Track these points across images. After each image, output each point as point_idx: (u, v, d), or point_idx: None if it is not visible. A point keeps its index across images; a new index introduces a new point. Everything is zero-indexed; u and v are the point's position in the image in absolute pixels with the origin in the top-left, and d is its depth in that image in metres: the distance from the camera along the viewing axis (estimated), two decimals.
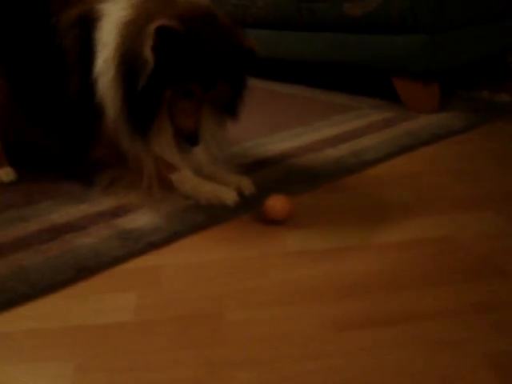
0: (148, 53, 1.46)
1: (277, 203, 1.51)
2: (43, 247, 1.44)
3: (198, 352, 1.06)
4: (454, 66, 2.40)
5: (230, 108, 1.70)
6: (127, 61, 1.53)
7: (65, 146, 1.83)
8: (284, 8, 2.72)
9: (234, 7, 3.02)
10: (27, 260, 1.38)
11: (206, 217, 1.55)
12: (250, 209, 1.60)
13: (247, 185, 1.66)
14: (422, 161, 1.91)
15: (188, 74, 1.51)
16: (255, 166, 1.89)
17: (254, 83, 3.09)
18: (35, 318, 1.19)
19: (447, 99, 2.49)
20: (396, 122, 2.26)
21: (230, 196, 1.60)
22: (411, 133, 2.13)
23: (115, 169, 1.70)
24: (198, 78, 1.53)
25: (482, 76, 2.94)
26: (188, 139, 1.59)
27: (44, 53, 1.73)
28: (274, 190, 1.62)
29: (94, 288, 1.28)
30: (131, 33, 1.54)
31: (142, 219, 1.55)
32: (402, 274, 1.26)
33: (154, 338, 1.10)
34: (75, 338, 1.12)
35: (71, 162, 1.83)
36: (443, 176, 1.77)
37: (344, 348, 1.04)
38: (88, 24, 1.63)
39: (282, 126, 2.32)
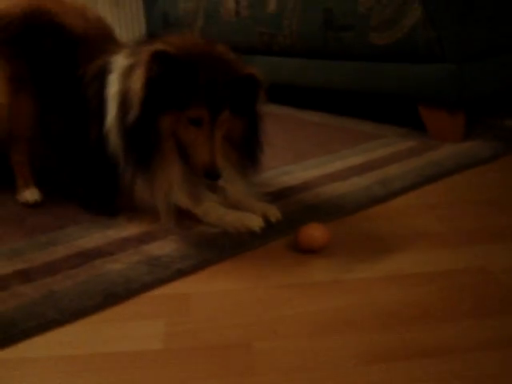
0: (140, 78, 1.47)
1: (315, 232, 1.50)
2: (72, 272, 1.45)
3: (227, 382, 1.05)
4: (481, 96, 2.40)
5: (247, 150, 1.70)
6: (124, 99, 1.55)
7: (88, 194, 1.85)
8: (311, 36, 2.74)
9: (261, 35, 3.04)
10: (56, 285, 1.39)
11: (234, 245, 1.55)
12: (277, 237, 1.60)
13: (273, 212, 1.66)
14: (449, 190, 1.90)
15: (189, 97, 1.49)
16: (281, 195, 1.89)
17: (279, 110, 3.12)
18: (64, 344, 1.19)
19: (472, 128, 2.48)
20: (421, 151, 2.26)
21: (256, 222, 1.59)
22: (437, 162, 2.12)
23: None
24: (201, 100, 1.50)
25: (506, 104, 2.93)
26: (207, 174, 1.52)
27: (71, 102, 1.78)
28: (301, 219, 1.63)
29: (122, 315, 1.29)
30: (128, 75, 1.56)
31: (169, 246, 1.55)
32: (432, 306, 1.25)
33: (183, 367, 1.10)
34: (103, 366, 1.12)
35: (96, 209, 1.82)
36: (472, 206, 1.76)
37: (375, 381, 1.03)
38: (104, 77, 1.67)
39: (308, 153, 2.32)
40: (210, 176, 1.53)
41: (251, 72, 1.57)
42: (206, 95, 1.50)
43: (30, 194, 1.93)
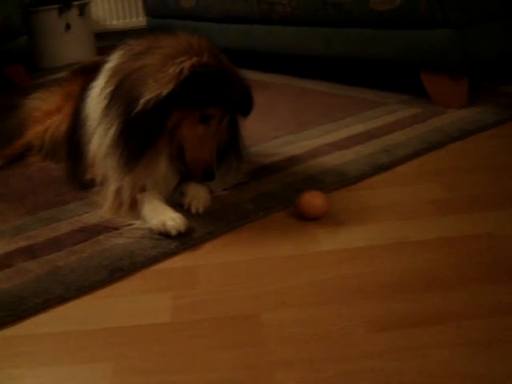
0: (171, 78, 1.46)
1: (313, 200, 1.50)
2: (76, 248, 1.45)
3: (236, 353, 1.05)
4: (483, 61, 2.36)
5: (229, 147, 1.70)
6: (125, 93, 1.53)
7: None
8: (310, 4, 2.69)
9: (259, 4, 3.00)
10: (61, 261, 1.39)
11: (237, 216, 1.55)
12: (281, 207, 1.59)
13: (196, 204, 1.59)
14: (453, 157, 1.88)
15: (209, 97, 1.51)
16: (285, 164, 1.88)
17: (280, 80, 3.10)
18: (72, 320, 1.19)
19: (475, 94, 2.45)
20: (424, 118, 2.23)
21: (176, 225, 1.46)
22: (440, 129, 2.10)
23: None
24: (219, 101, 1.53)
25: (508, 70, 2.90)
26: (205, 173, 1.54)
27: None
28: (305, 188, 1.61)
29: (129, 289, 1.29)
30: (124, 71, 1.56)
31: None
32: (440, 272, 1.24)
33: (192, 340, 1.10)
34: (112, 340, 1.12)
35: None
36: (476, 172, 1.75)
37: (383, 349, 1.03)
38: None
39: (311, 122, 2.30)
40: (208, 176, 1.55)
41: (249, 86, 1.65)
42: (224, 97, 1.54)
43: None
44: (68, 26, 4.17)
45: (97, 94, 1.61)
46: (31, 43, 3.75)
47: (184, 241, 1.44)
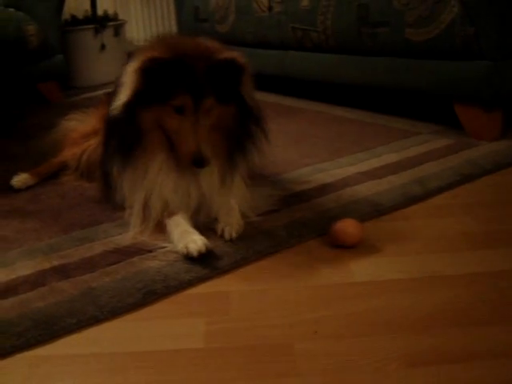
0: (128, 83, 1.54)
1: (347, 228, 1.50)
2: (110, 269, 1.46)
3: (267, 383, 1.05)
4: None
5: (238, 140, 1.65)
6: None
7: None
8: (344, 32, 2.71)
9: (294, 31, 3.03)
10: (95, 282, 1.39)
11: (271, 242, 1.55)
12: (313, 235, 1.59)
13: (229, 230, 1.58)
14: (486, 190, 1.87)
15: (172, 87, 1.52)
16: (317, 192, 1.88)
17: (311, 107, 3.11)
18: (104, 342, 1.20)
19: (508, 127, 2.44)
20: (457, 150, 2.22)
21: (197, 247, 1.46)
22: (473, 161, 2.09)
23: None
24: (183, 88, 1.52)
25: None
26: (194, 161, 1.52)
27: None
28: (337, 217, 1.61)
29: (162, 313, 1.29)
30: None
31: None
32: (473, 308, 1.23)
33: (224, 367, 1.10)
34: (144, 364, 1.12)
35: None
36: (509, 206, 1.73)
37: None
38: None
39: (342, 150, 2.31)
40: (197, 162, 1.52)
41: (230, 56, 1.56)
42: (187, 82, 1.52)
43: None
44: (103, 46, 4.25)
45: None
46: (66, 62, 3.80)
47: (217, 266, 1.45)
